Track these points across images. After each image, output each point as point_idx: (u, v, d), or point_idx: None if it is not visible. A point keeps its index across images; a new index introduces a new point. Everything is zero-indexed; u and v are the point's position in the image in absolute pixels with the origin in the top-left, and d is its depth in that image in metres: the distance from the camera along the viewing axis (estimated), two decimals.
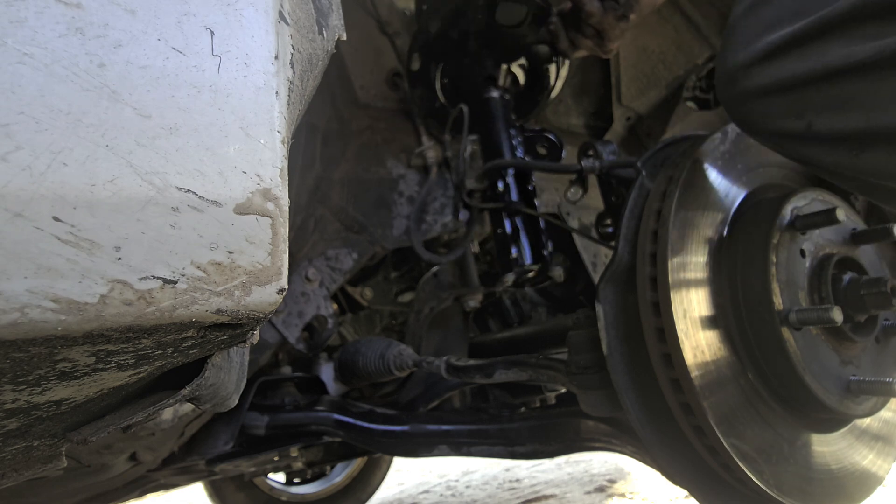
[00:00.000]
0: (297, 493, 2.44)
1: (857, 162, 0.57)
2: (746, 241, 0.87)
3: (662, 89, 1.71)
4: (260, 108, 0.40)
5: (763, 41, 0.62)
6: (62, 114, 0.34)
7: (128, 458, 1.15)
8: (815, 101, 0.58)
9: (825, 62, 0.56)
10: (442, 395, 1.42)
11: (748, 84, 0.65)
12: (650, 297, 0.83)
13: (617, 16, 1.23)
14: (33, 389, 0.39)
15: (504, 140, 1.41)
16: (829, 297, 0.86)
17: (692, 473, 0.86)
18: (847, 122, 0.56)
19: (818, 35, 0.57)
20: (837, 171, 0.63)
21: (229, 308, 0.38)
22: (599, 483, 2.60)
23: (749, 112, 0.67)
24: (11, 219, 0.31)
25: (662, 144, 1.03)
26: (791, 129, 0.62)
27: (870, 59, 0.52)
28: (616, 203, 1.13)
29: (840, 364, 0.86)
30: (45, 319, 0.32)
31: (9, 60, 0.33)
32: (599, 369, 0.91)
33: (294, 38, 0.46)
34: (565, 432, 1.17)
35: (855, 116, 0.55)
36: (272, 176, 0.40)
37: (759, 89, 0.64)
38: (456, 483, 3.21)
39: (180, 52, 0.38)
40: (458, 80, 1.50)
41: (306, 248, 1.42)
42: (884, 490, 1.90)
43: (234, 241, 0.38)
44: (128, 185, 0.35)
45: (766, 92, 0.63)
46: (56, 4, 0.35)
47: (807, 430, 0.87)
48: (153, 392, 0.49)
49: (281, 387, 1.43)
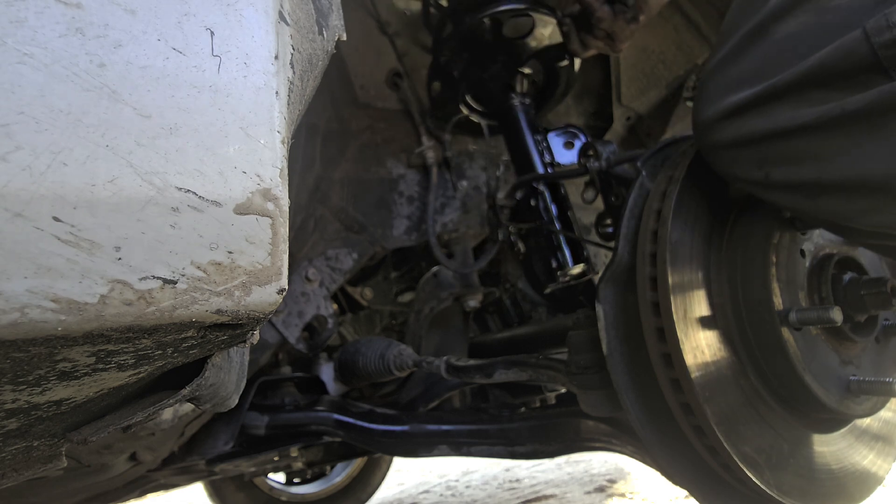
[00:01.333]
0: (297, 493, 2.44)
1: (817, 205, 0.64)
2: (746, 240, 0.87)
3: (662, 89, 1.71)
4: (260, 109, 0.40)
5: (728, 100, 0.70)
6: (62, 114, 0.34)
7: (128, 458, 1.15)
8: (772, 155, 0.66)
9: (778, 122, 0.64)
10: (442, 395, 1.42)
11: (717, 137, 0.73)
12: (650, 297, 0.83)
13: (627, 18, 1.25)
14: (33, 389, 0.39)
15: (532, 148, 1.42)
16: (829, 297, 0.86)
17: (692, 473, 0.86)
18: (800, 173, 0.64)
19: (773, 98, 0.64)
20: (798, 212, 0.72)
21: (229, 308, 0.38)
22: (599, 483, 2.60)
23: (719, 160, 0.76)
24: (11, 219, 0.31)
25: (662, 144, 1.03)
26: (753, 178, 0.70)
27: (813, 122, 0.60)
28: (616, 203, 1.13)
29: (840, 364, 0.85)
30: (45, 319, 0.32)
31: (9, 60, 0.33)
32: (599, 369, 0.91)
33: (294, 39, 0.46)
34: (565, 432, 1.17)
35: (807, 169, 0.63)
36: (272, 176, 0.40)
37: (725, 142, 0.72)
38: (456, 483, 3.21)
39: (180, 52, 0.38)
40: (479, 96, 1.51)
41: (306, 248, 1.42)
42: (884, 490, 1.90)
43: (234, 242, 0.38)
44: (128, 185, 0.35)
45: (731, 145, 0.71)
46: (56, 4, 0.35)
47: (807, 430, 0.87)
48: (153, 392, 0.49)
49: (281, 387, 1.43)
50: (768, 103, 0.65)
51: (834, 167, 0.59)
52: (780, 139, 0.64)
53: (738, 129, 0.69)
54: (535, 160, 1.41)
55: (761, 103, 0.66)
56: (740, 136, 0.69)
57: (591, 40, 1.33)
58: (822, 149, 0.60)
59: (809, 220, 0.77)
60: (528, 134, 1.43)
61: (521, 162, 1.44)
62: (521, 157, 1.43)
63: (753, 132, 0.67)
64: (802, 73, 0.61)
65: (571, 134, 1.51)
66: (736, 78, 0.70)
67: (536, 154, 1.41)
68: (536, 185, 1.38)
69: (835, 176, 0.60)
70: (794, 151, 0.63)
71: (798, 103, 0.62)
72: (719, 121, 0.71)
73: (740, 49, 0.70)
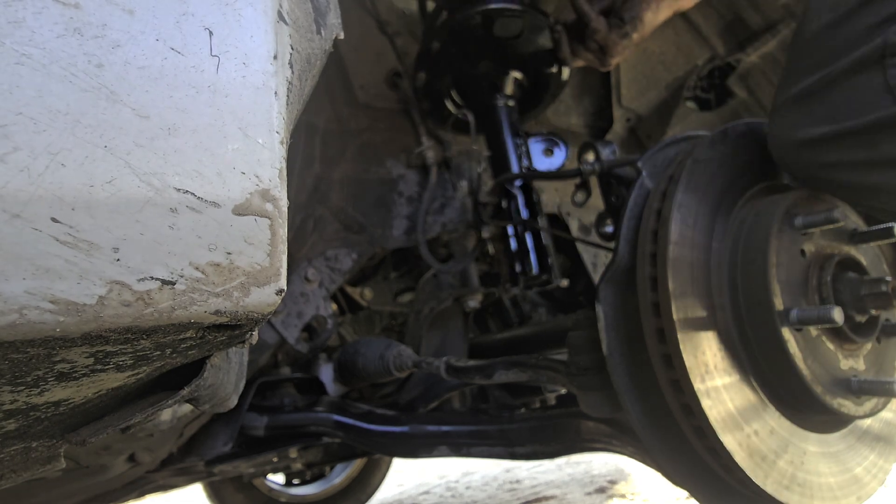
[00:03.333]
0: (296, 494, 2.44)
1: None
2: (747, 241, 0.87)
3: (662, 90, 1.71)
4: (258, 109, 0.40)
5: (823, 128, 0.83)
6: (60, 114, 0.33)
7: (126, 459, 1.15)
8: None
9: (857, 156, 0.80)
10: (442, 396, 1.42)
11: (819, 157, 0.85)
12: (650, 297, 0.83)
13: (620, 34, 1.25)
14: (32, 390, 0.39)
15: (511, 149, 1.43)
16: (830, 297, 0.86)
17: (692, 474, 0.86)
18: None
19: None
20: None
21: (228, 309, 0.38)
22: (600, 484, 2.60)
23: (808, 170, 0.89)
24: (10, 220, 0.31)
25: (662, 145, 1.03)
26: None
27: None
28: (616, 203, 1.13)
29: (841, 364, 0.85)
30: (43, 321, 0.32)
31: (7, 61, 0.32)
32: (599, 370, 0.91)
33: (293, 38, 0.46)
34: (565, 433, 1.17)
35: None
36: (271, 177, 0.40)
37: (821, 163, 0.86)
38: (456, 484, 3.20)
39: (179, 52, 0.38)
40: (464, 92, 1.51)
41: (305, 248, 1.41)
42: (884, 490, 1.90)
43: (232, 242, 0.38)
44: (126, 185, 0.35)
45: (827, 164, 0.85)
46: (54, 5, 0.34)
47: (807, 430, 0.86)
48: (152, 393, 0.49)
49: (280, 387, 1.43)
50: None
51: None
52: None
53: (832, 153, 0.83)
54: (513, 163, 1.42)
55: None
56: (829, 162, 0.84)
57: (582, 51, 1.35)
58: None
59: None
60: (509, 136, 1.44)
61: (498, 162, 1.44)
62: (499, 158, 1.44)
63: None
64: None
65: (551, 142, 1.52)
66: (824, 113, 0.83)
67: (514, 157, 1.42)
68: (510, 188, 1.39)
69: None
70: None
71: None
72: (814, 144, 0.84)
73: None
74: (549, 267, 1.36)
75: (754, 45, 1.49)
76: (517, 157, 1.43)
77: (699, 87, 1.68)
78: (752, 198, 0.94)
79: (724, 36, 1.53)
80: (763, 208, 0.90)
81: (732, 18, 1.50)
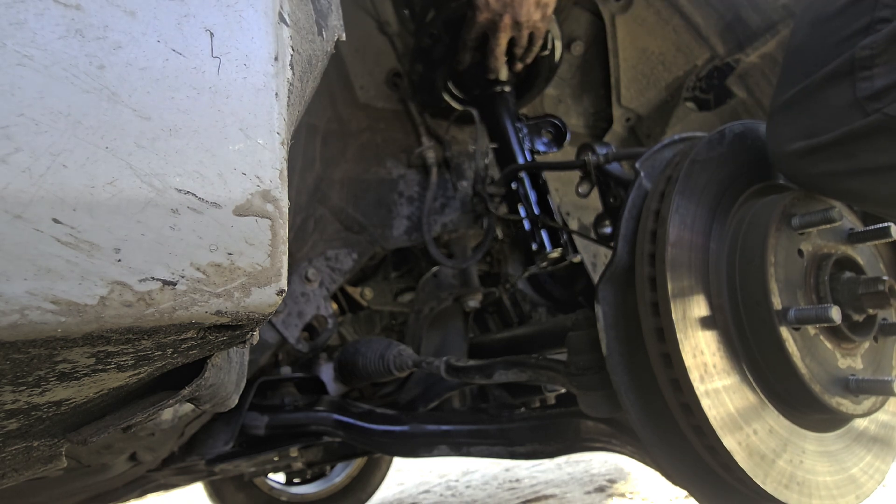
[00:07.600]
0: (296, 493, 2.44)
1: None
2: (745, 241, 0.87)
3: (662, 90, 1.72)
4: (259, 110, 0.40)
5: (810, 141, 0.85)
6: (62, 116, 0.34)
7: (128, 459, 1.15)
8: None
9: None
10: (442, 396, 1.42)
11: (809, 168, 0.87)
12: (649, 297, 0.83)
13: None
14: (33, 390, 0.39)
15: (513, 137, 1.44)
16: (828, 296, 0.86)
17: (692, 473, 0.86)
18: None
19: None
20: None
21: (229, 309, 0.38)
22: (599, 483, 2.60)
23: (807, 178, 0.91)
24: (11, 221, 0.31)
25: (661, 145, 1.03)
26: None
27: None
28: (614, 204, 1.13)
29: (838, 363, 0.86)
30: (44, 321, 0.32)
31: (9, 62, 0.33)
32: (599, 370, 0.91)
33: (293, 40, 0.46)
34: (565, 432, 1.17)
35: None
36: (272, 177, 0.40)
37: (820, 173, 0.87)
38: (456, 483, 3.21)
39: (180, 53, 0.38)
40: (459, 82, 1.51)
41: (306, 248, 1.42)
42: (884, 490, 1.90)
43: (233, 243, 0.38)
44: (127, 186, 0.35)
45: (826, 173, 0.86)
46: (56, 6, 0.35)
47: (806, 429, 0.87)
48: (153, 392, 0.50)
49: (281, 387, 1.43)
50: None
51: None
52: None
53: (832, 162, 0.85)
54: (515, 148, 1.43)
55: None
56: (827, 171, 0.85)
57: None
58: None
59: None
60: (509, 122, 1.45)
61: (502, 149, 1.45)
62: (502, 146, 1.45)
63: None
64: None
65: (550, 125, 1.53)
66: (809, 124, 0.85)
67: (517, 143, 1.43)
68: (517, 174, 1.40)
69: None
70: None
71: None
72: (806, 154, 0.85)
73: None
74: (562, 244, 1.37)
75: (754, 46, 1.49)
76: (518, 141, 1.44)
77: (698, 87, 1.68)
78: (749, 198, 0.94)
79: (724, 36, 1.53)
80: (761, 208, 0.90)
81: (732, 18, 1.50)
